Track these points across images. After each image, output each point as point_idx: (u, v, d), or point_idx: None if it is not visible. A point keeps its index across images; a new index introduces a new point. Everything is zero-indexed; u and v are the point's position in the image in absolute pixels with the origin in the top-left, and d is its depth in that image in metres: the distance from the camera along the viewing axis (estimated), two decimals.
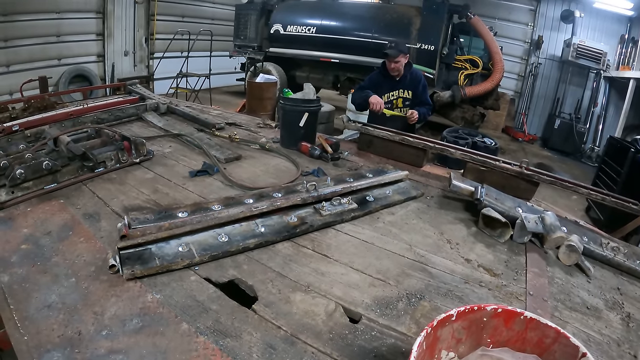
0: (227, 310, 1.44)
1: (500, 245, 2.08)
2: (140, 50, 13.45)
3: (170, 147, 3.33)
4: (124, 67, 12.89)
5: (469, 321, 1.04)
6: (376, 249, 1.95)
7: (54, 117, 3.69)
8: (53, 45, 10.89)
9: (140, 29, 13.24)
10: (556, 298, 1.67)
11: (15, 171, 2.28)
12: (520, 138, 12.66)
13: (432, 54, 9.98)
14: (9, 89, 9.34)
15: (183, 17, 14.46)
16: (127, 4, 12.48)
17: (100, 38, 12.12)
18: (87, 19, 11.62)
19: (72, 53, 11.35)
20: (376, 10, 11.59)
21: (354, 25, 11.06)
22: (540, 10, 12.73)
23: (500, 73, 10.04)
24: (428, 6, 10.08)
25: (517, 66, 13.40)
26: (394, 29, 10.41)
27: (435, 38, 9.91)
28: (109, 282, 1.56)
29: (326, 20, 11.42)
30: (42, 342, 1.27)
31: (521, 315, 1.03)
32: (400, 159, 3.23)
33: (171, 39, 11.94)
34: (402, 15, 10.47)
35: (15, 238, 1.90)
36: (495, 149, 7.43)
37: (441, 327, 1.00)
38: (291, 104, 3.50)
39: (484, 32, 10.09)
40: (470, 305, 1.04)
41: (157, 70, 12.58)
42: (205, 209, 1.95)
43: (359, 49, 10.73)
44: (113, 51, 12.49)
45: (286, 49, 11.93)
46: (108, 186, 2.51)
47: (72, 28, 11.22)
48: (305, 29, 11.58)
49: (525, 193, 2.65)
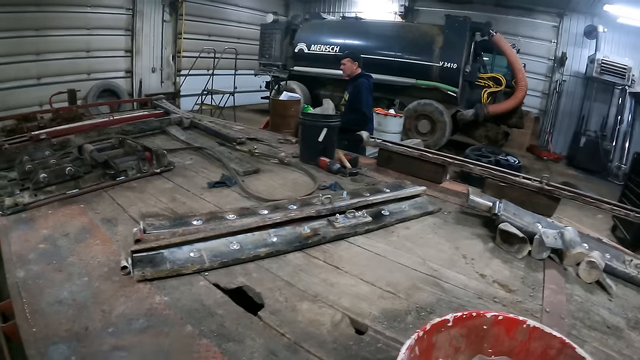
0: (232, 316, 1.44)
1: (518, 261, 2.03)
2: (168, 67, 13.78)
3: (191, 160, 3.40)
4: (152, 83, 13.21)
5: (468, 328, 1.00)
6: (388, 262, 1.92)
7: (80, 128, 3.81)
8: (83, 60, 11.27)
9: (168, 47, 13.59)
10: (574, 316, 1.61)
11: (39, 175, 2.37)
12: (545, 157, 12.41)
13: (455, 72, 9.96)
14: (39, 100, 9.63)
15: (209, 36, 14.78)
16: (156, 22, 12.85)
17: (129, 54, 12.49)
18: (116, 36, 12.01)
19: (101, 68, 11.70)
20: (399, 29, 11.66)
21: (377, 44, 11.11)
22: (564, 26, 12.55)
23: (524, 91, 9.94)
24: (450, 24, 10.10)
25: (541, 84, 13.19)
26: (416, 47, 10.45)
27: (457, 56, 9.89)
28: (120, 283, 1.59)
29: (349, 39, 11.52)
30: (49, 335, 1.31)
31: (524, 323, 0.98)
32: (419, 175, 3.19)
33: (197, 57, 12.25)
34: (425, 34, 10.51)
35: (34, 237, 1.97)
36: (518, 168, 7.32)
37: (436, 333, 0.97)
38: (310, 119, 3.52)
39: (506, 50, 10.04)
40: (469, 311, 1.00)
41: (183, 87, 12.88)
42: (219, 218, 1.98)
43: (382, 68, 10.74)
44: (141, 67, 12.83)
45: (310, 68, 12.07)
46: (128, 194, 2.58)
47: (101, 44, 11.61)
48: (328, 48, 11.71)
49: (546, 209, 2.59)
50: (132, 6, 12.05)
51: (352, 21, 12.64)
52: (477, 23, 10.08)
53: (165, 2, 12.84)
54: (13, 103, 9.37)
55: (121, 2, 11.83)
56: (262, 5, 16.45)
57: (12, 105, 9.16)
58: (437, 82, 10.20)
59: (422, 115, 10.58)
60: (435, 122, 10.41)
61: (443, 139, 10.40)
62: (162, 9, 12.88)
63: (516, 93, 9.95)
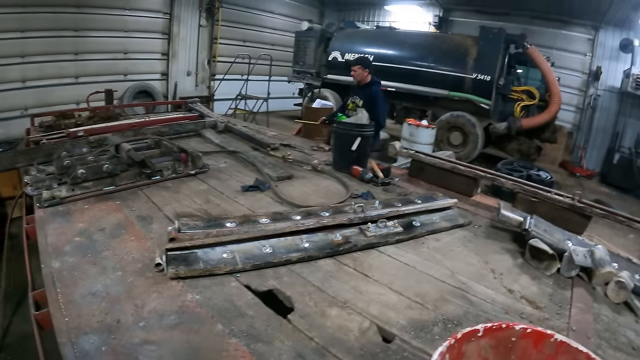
0: (262, 317, 1.48)
1: (546, 278, 2.01)
2: (202, 71, 14.03)
3: (225, 163, 3.48)
4: (186, 87, 13.46)
5: (497, 340, 1.00)
6: (417, 272, 1.93)
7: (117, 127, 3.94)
8: (120, 62, 11.57)
9: (203, 51, 13.84)
10: (600, 336, 1.59)
11: (77, 171, 2.47)
12: (578, 173, 12.06)
13: (488, 84, 9.82)
14: (76, 98, 9.98)
15: (244, 42, 14.99)
16: (192, 26, 13.12)
17: (165, 58, 12.77)
18: (153, 39, 12.31)
19: (137, 70, 12.01)
20: (433, 39, 11.57)
21: (411, 54, 11.03)
22: (599, 39, 12.15)
23: (558, 105, 9.72)
24: (484, 36, 9.97)
25: (575, 98, 12.80)
26: (450, 58, 10.35)
27: (491, 68, 9.75)
28: (153, 279, 1.65)
29: (383, 48, 11.47)
30: (81, 325, 1.37)
31: (551, 337, 0.98)
32: (451, 187, 3.17)
33: (232, 62, 12.43)
34: (459, 45, 10.40)
35: (70, 230, 2.05)
36: (550, 183, 7.15)
37: (466, 342, 0.97)
38: (344, 128, 3.54)
39: (540, 62, 9.83)
40: (498, 322, 1.00)
41: (218, 91, 13.14)
42: (253, 222, 2.02)
43: (416, 78, 10.71)
44: (177, 71, 13.10)
45: (343, 76, 12.02)
46: (163, 193, 2.66)
47: (138, 47, 11.92)
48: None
49: (577, 227, 2.54)
50: (169, 10, 12.34)
51: (386, 31, 12.60)
52: (512, 35, 9.92)
53: (202, 8, 13.10)
54: (51, 100, 9.72)
55: (159, 6, 12.13)
56: (297, 13, 16.62)
57: (50, 102, 9.51)
58: (470, 94, 10.07)
59: (454, 127, 10.46)
60: (467, 135, 10.28)
61: (475, 151, 10.26)
62: (199, 14, 13.14)
63: (550, 107, 9.74)
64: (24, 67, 9.56)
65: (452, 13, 14.85)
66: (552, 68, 10.05)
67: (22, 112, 9.38)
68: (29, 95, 9.67)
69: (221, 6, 13.55)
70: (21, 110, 9.44)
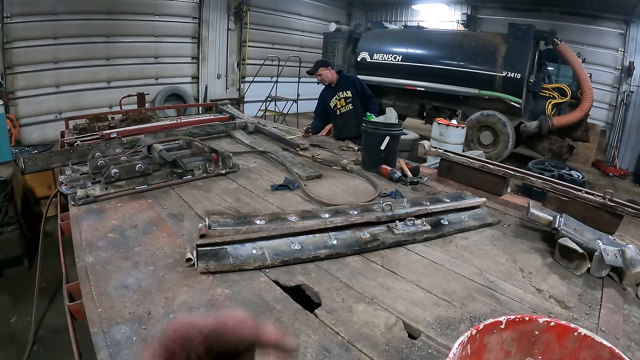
0: (289, 312, 1.51)
1: (576, 277, 1.97)
2: (232, 74, 14.26)
3: (255, 163, 3.55)
4: (217, 89, 13.73)
5: (520, 333, 0.99)
6: (445, 270, 1.93)
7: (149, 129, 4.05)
8: (151, 66, 11.90)
9: (233, 54, 14.09)
10: (630, 337, 1.55)
11: (110, 170, 2.57)
12: (611, 173, 11.69)
13: (519, 82, 9.66)
14: (109, 102, 10.33)
15: (273, 44, 15.18)
16: (221, 30, 13.36)
17: (195, 61, 13.05)
18: (183, 43, 12.61)
19: (168, 74, 12.32)
20: (461, 37, 11.44)
21: (440, 53, 10.98)
22: (631, 34, 11.79)
23: (590, 102, 9.46)
24: (513, 33, 9.82)
25: (607, 95, 12.45)
26: (479, 56, 10.23)
27: (521, 66, 9.59)
28: (184, 274, 1.71)
29: (412, 48, 11.44)
30: (113, 316, 1.43)
31: (575, 331, 0.96)
32: (480, 187, 3.13)
33: (261, 65, 12.62)
34: (488, 43, 10.26)
35: (104, 227, 2.14)
36: (582, 183, 6.98)
37: (488, 334, 0.97)
38: (373, 128, 3.55)
39: (571, 59, 9.60)
40: (521, 315, 1.00)
41: (247, 94, 13.38)
42: (282, 219, 2.06)
43: (445, 77, 10.64)
44: (207, 74, 13.37)
45: (372, 77, 12.01)
46: (194, 192, 2.74)
47: (169, 51, 12.22)
48: (391, 57, 11.68)
49: (608, 226, 2.47)
50: (198, 15, 12.60)
51: (415, 30, 12.54)
52: (542, 31, 9.74)
53: (230, 12, 13.31)
54: (85, 104, 10.11)
55: (188, 11, 12.40)
56: (325, 15, 16.73)
57: (83, 106, 9.90)
58: (500, 93, 9.93)
59: (484, 126, 10.34)
60: (497, 134, 10.13)
61: (506, 151, 10.10)
62: (227, 18, 13.36)
63: (582, 105, 9.50)
64: (58, 72, 9.96)
65: (481, 10, 14.66)
66: (583, 64, 9.81)
67: (56, 116, 9.81)
68: (63, 100, 10.08)
69: (249, 9, 13.75)
70: (56, 114, 9.86)
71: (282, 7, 15.30)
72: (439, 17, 15.72)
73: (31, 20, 9.15)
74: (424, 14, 16.42)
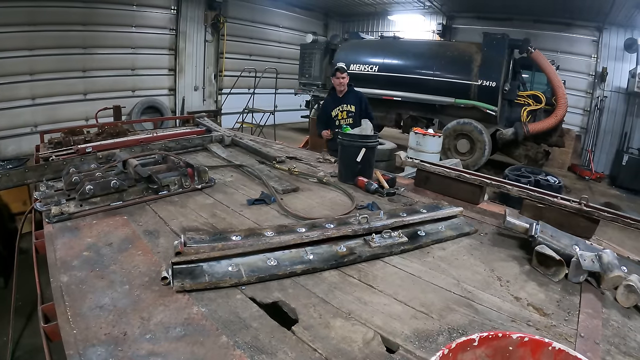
0: (266, 329, 1.48)
1: (554, 284, 1.99)
2: (210, 85, 14.23)
3: (231, 177, 3.51)
4: (194, 101, 13.66)
5: (493, 349, 0.99)
6: (423, 282, 1.93)
7: (125, 143, 3.99)
8: (128, 78, 11.82)
9: (210, 66, 14.07)
10: (610, 341, 1.57)
11: (85, 187, 2.51)
12: (587, 176, 11.97)
13: (494, 90, 9.85)
14: (86, 115, 10.21)
15: (250, 56, 15.19)
16: (198, 42, 13.35)
17: (172, 73, 13.00)
18: (160, 55, 12.56)
19: (145, 86, 12.23)
20: (437, 47, 11.63)
21: (416, 63, 11.13)
22: (603, 40, 12.21)
23: (564, 108, 9.72)
24: (488, 42, 10.03)
25: (581, 100, 12.82)
26: (455, 66, 10.41)
27: (496, 74, 9.79)
28: (160, 292, 1.67)
29: (388, 58, 11.57)
30: (89, 337, 1.39)
31: (549, 345, 0.96)
32: (457, 196, 3.16)
33: (239, 76, 12.58)
34: (463, 52, 10.45)
35: (78, 245, 2.09)
36: (558, 188, 7.10)
37: (462, 351, 0.96)
38: (349, 140, 3.55)
39: (545, 66, 9.85)
40: (494, 331, 1.00)
41: (225, 105, 13.33)
42: (258, 235, 2.03)
43: (421, 87, 10.77)
44: (184, 86, 13.31)
45: None
46: (170, 208, 2.69)
47: (146, 63, 12.15)
48: (368, 67, 11.77)
49: (585, 231, 2.52)
50: (175, 27, 12.58)
51: (391, 40, 12.71)
52: (516, 40, 9.99)
53: (207, 23, 13.31)
54: (61, 116, 9.97)
55: (165, 23, 12.37)
56: (302, 26, 16.83)
57: (60, 119, 9.76)
58: (476, 101, 10.10)
59: (461, 134, 10.49)
60: (474, 142, 10.29)
61: (482, 158, 10.25)
62: (205, 29, 13.36)
63: (556, 111, 9.74)
64: (33, 84, 9.81)
65: (456, 20, 14.97)
66: (557, 71, 10.08)
67: (32, 129, 9.62)
68: (39, 112, 9.91)
69: (226, 21, 13.75)
70: (31, 127, 9.68)
71: (260, 18, 15.35)
72: (415, 27, 15.96)
73: (6, 31, 9.03)
74: (400, 24, 16.65)
